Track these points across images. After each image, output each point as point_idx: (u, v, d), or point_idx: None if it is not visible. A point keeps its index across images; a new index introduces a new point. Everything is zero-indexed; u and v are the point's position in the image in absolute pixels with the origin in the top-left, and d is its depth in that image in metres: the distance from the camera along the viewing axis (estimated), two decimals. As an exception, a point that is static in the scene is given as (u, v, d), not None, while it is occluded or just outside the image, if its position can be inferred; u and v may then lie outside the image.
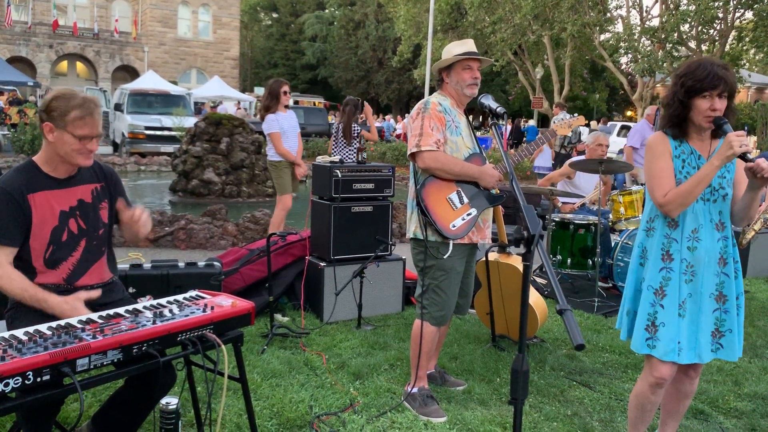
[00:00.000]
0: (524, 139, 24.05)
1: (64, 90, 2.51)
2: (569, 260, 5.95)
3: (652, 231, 2.67)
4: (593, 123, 17.65)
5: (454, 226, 3.22)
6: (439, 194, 3.24)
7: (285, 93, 6.32)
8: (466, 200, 3.26)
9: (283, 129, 6.28)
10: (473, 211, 3.27)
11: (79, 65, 39.25)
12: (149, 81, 23.76)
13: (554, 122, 3.35)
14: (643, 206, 5.55)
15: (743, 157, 2.38)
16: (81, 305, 2.39)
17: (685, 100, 2.53)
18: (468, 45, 3.33)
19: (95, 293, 2.50)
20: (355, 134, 7.11)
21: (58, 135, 2.44)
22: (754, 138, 25.19)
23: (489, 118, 2.69)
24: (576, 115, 3.62)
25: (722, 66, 2.50)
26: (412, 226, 3.34)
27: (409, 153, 3.27)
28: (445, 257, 3.24)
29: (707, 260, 2.57)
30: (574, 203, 6.45)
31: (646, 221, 2.70)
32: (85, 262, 2.60)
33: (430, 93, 3.37)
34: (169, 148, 15.25)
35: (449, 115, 3.27)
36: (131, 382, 2.53)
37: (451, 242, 3.23)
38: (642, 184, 6.49)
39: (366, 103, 7.47)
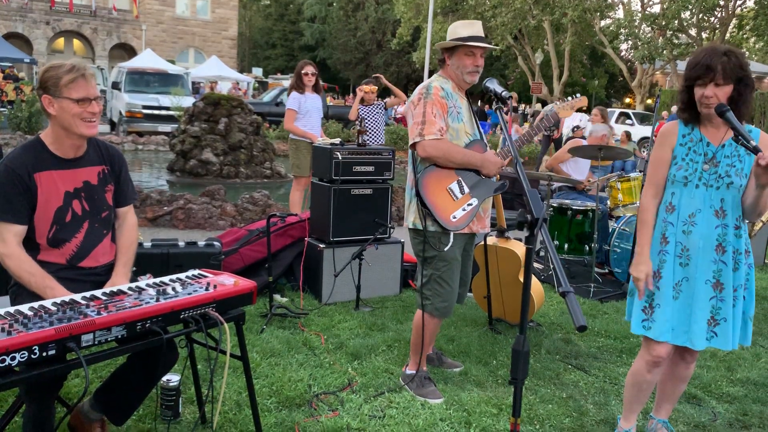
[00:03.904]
0: (489, 121, 23.97)
1: (52, 62, 2.52)
2: (566, 246, 5.99)
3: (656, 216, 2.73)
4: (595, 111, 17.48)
5: (454, 218, 3.13)
6: (439, 184, 3.14)
7: (306, 74, 6.40)
8: (467, 190, 3.17)
9: (305, 109, 6.38)
10: (474, 201, 3.18)
11: (76, 42, 38.90)
12: (147, 60, 23.59)
13: (556, 104, 3.23)
14: (641, 193, 5.57)
15: (755, 149, 2.34)
16: None
17: (687, 87, 2.58)
18: (475, 28, 3.17)
19: None
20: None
21: (57, 105, 2.44)
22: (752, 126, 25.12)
23: (493, 102, 2.63)
24: (578, 95, 3.48)
25: (723, 53, 2.48)
26: (411, 216, 3.25)
27: (411, 142, 3.15)
28: (446, 249, 3.16)
29: (702, 245, 2.59)
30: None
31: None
32: (88, 244, 2.60)
33: (430, 76, 3.29)
34: (167, 127, 15.21)
35: (451, 100, 3.16)
36: (134, 359, 2.55)
37: (451, 233, 3.17)
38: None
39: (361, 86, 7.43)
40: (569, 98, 3.48)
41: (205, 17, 40.65)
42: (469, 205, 3.16)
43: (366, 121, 7.02)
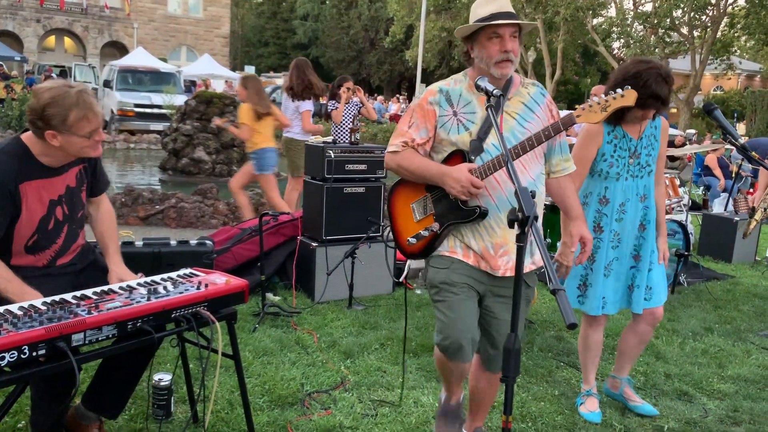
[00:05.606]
0: None
1: (53, 92, 2.30)
2: (558, 244, 6.00)
3: (585, 206, 3.05)
4: None
5: (410, 242, 2.55)
6: (405, 199, 2.60)
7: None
8: (431, 210, 2.52)
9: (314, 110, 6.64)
10: (435, 226, 2.49)
11: (67, 40, 38.69)
12: (138, 58, 23.52)
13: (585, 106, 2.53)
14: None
15: (743, 147, 2.69)
16: None
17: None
18: (498, 2, 2.40)
19: None
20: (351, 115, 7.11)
21: (64, 140, 2.34)
22: (742, 124, 25.34)
23: (486, 100, 2.47)
24: (625, 89, 2.29)
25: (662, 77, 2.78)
26: None
27: None
28: (440, 271, 2.50)
29: (630, 228, 3.04)
30: None
31: (582, 197, 3.06)
32: (67, 245, 2.57)
33: (422, 75, 3.18)
34: (159, 126, 15.16)
35: (452, 107, 2.45)
36: (112, 357, 2.53)
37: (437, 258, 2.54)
38: None
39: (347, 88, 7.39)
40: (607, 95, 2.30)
41: (197, 15, 40.50)
42: (427, 230, 2.51)
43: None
